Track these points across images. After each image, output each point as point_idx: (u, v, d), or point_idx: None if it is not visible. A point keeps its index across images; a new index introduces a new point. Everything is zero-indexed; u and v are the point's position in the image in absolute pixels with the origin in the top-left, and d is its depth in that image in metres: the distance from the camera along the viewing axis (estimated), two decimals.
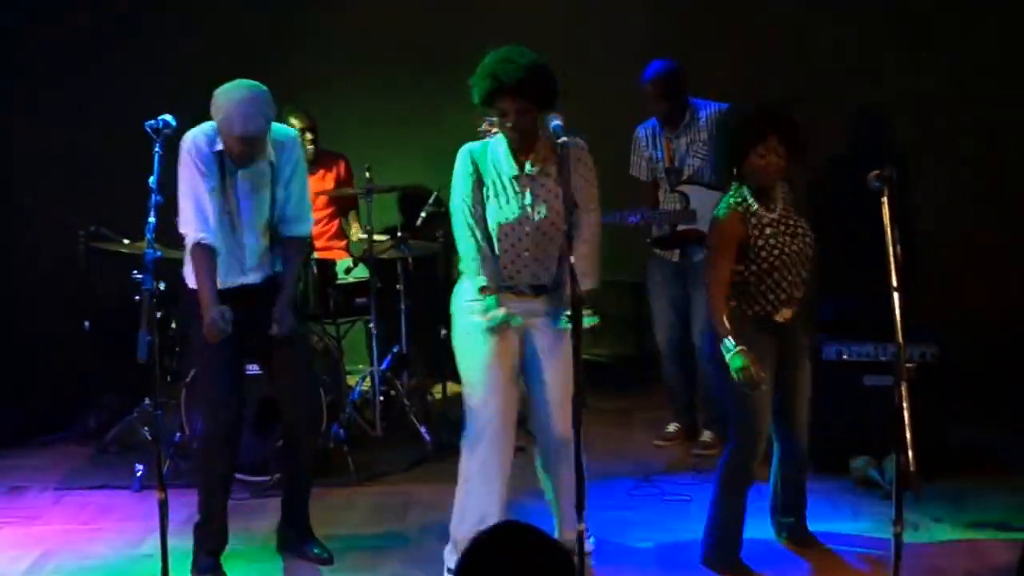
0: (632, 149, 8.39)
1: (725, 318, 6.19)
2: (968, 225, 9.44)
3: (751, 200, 6.28)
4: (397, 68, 10.01)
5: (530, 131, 6.15)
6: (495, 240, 6.29)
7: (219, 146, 6.25)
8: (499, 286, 6.27)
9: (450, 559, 6.56)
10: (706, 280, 6.41)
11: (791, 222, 6.34)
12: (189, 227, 6.32)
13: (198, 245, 6.29)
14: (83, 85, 9.95)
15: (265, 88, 6.21)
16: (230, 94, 6.15)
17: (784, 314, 6.37)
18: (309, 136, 8.78)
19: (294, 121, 8.53)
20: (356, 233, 9.16)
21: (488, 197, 6.26)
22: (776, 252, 6.26)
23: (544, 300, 6.33)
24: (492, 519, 6.24)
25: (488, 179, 6.26)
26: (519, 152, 6.23)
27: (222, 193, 6.34)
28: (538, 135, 6.19)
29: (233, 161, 6.29)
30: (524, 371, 6.46)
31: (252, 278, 6.53)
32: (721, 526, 6.57)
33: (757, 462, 6.45)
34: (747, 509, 6.55)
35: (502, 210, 6.24)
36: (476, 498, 6.40)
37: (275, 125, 6.39)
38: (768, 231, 6.26)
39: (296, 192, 6.48)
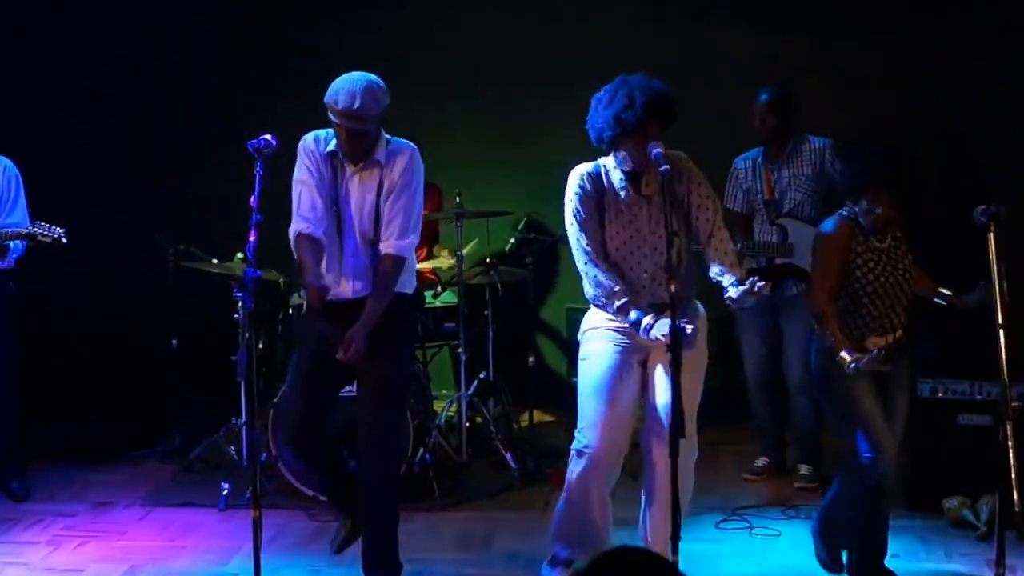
0: (729, 181, 8.30)
1: (838, 332, 6.12)
2: None
3: (860, 223, 6.21)
4: (489, 94, 10.03)
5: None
6: (615, 264, 6.27)
7: (331, 146, 6.22)
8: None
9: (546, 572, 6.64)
10: (811, 298, 6.30)
11: (897, 253, 6.24)
12: (293, 221, 6.28)
13: (299, 235, 6.23)
14: (177, 105, 10.05)
15: (381, 81, 6.20)
16: (345, 76, 6.17)
17: (875, 342, 6.23)
18: None
19: None
20: (446, 259, 9.13)
21: (607, 220, 6.23)
22: (871, 277, 6.18)
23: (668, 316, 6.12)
24: (590, 537, 6.41)
25: (606, 201, 6.23)
26: (634, 176, 6.20)
27: (332, 195, 6.27)
28: None
29: (344, 155, 6.23)
30: (645, 388, 6.42)
31: (348, 290, 6.32)
32: (865, 541, 6.45)
33: (885, 475, 6.22)
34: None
35: (619, 233, 6.23)
36: (573, 513, 6.47)
37: (395, 137, 6.35)
38: (870, 255, 6.18)
39: (399, 206, 6.23)
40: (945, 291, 6.38)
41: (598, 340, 6.37)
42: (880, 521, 6.48)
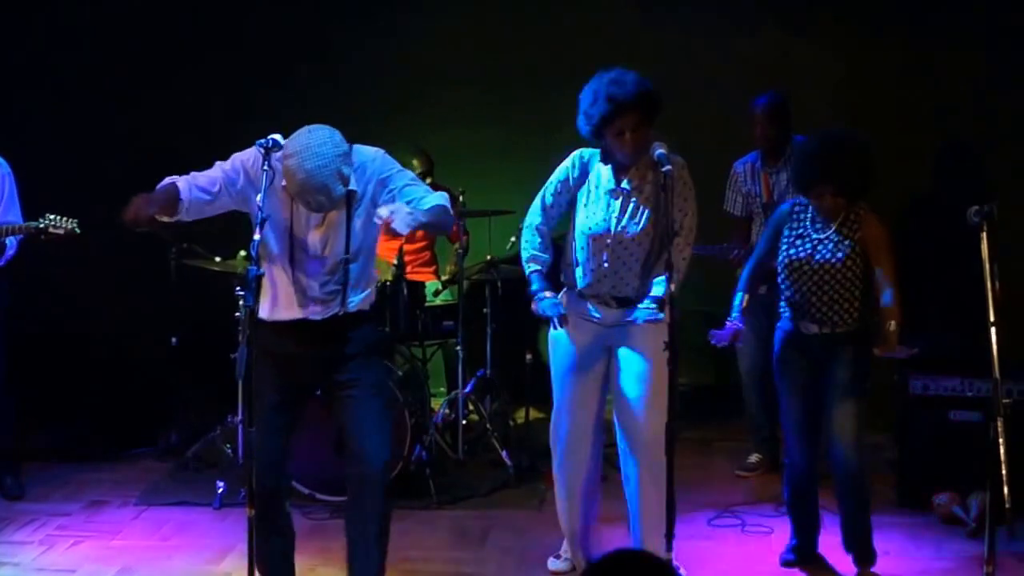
0: (728, 185, 8.39)
1: (744, 293, 6.59)
2: None
3: (809, 210, 6.41)
4: (490, 95, 10.07)
5: (644, 148, 6.13)
6: (579, 248, 6.41)
7: (284, 182, 5.63)
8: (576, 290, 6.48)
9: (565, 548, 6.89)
10: None
11: (836, 245, 6.33)
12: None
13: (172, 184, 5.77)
14: (180, 102, 10.10)
15: (336, 141, 5.56)
16: (302, 164, 5.47)
17: (808, 327, 6.42)
18: (429, 181, 8.81)
19: (415, 163, 8.58)
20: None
21: (581, 203, 6.37)
22: (792, 257, 6.40)
23: (628, 311, 6.35)
24: (574, 532, 6.70)
25: (588, 185, 6.37)
26: (621, 169, 6.29)
27: (288, 224, 5.79)
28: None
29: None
30: (612, 379, 6.51)
31: (315, 312, 5.88)
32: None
33: (791, 476, 6.64)
34: (809, 508, 6.76)
35: (589, 219, 6.34)
36: (561, 507, 6.72)
37: (356, 148, 5.76)
38: (798, 241, 6.38)
39: (404, 182, 5.77)
40: (890, 332, 6.29)
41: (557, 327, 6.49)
42: (801, 510, 6.77)
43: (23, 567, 7.05)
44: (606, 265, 6.33)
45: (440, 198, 5.75)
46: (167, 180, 5.84)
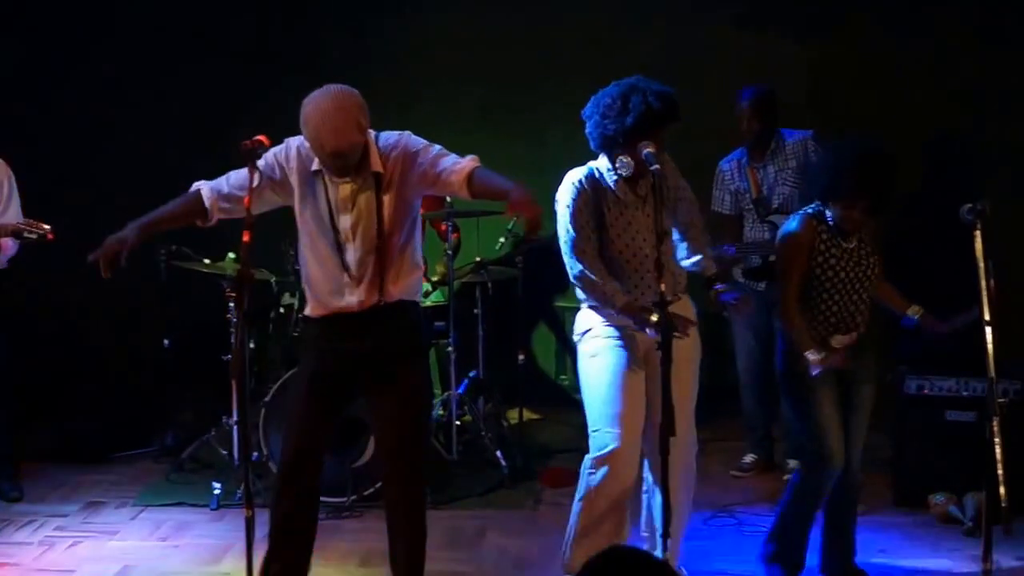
0: (715, 184, 8.35)
1: (804, 331, 6.20)
2: None
3: (826, 221, 6.24)
4: (479, 97, 10.08)
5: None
6: (620, 264, 6.27)
7: (316, 164, 5.73)
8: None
9: None
10: (780, 295, 6.33)
11: (862, 253, 6.27)
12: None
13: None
14: (170, 104, 10.11)
15: (355, 94, 5.63)
16: (319, 106, 5.54)
17: (840, 340, 6.28)
18: None
19: None
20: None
21: (609, 222, 6.24)
22: (830, 273, 6.22)
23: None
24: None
25: (606, 203, 6.25)
26: (632, 177, 6.23)
27: (326, 210, 5.77)
28: None
29: (332, 176, 5.75)
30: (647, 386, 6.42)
31: (351, 300, 5.81)
32: (788, 530, 6.60)
33: (828, 482, 6.31)
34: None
35: (621, 235, 6.24)
36: (602, 523, 6.34)
37: (382, 134, 5.83)
38: (833, 254, 6.21)
39: (434, 155, 5.81)
40: (916, 310, 6.35)
41: (599, 338, 6.35)
42: (807, 517, 6.55)
43: (23, 567, 7.06)
44: (649, 274, 6.24)
45: (476, 160, 5.89)
46: (193, 187, 5.97)
